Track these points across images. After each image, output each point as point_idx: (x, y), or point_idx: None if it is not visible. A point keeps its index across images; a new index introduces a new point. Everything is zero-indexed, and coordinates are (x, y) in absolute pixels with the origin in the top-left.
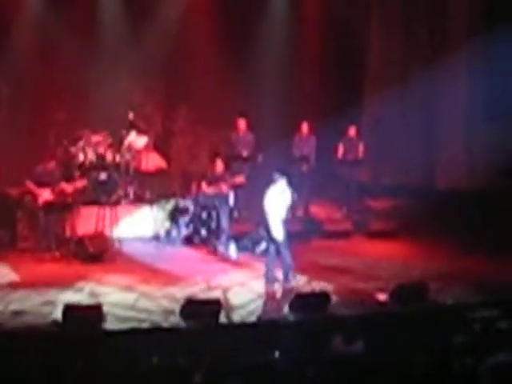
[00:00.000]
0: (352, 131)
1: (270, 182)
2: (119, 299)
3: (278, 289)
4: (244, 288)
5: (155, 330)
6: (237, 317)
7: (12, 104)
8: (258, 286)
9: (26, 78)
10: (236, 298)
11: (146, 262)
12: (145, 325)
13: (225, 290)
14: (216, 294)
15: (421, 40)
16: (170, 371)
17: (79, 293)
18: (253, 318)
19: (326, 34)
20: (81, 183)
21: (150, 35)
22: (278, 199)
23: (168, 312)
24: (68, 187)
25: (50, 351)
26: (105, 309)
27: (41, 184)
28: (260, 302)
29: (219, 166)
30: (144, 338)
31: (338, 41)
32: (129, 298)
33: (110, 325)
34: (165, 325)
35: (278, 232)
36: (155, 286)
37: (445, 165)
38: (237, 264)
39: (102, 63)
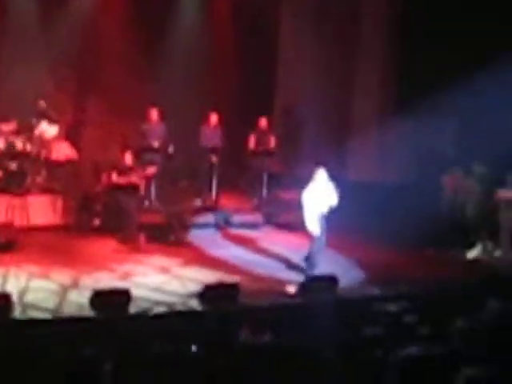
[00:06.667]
0: (263, 123)
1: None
2: (29, 288)
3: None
4: (150, 277)
5: (63, 321)
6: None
7: None
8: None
9: None
10: (144, 287)
11: (56, 251)
12: (54, 314)
13: (135, 280)
14: (126, 284)
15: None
16: (80, 361)
17: None
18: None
19: (238, 24)
20: None
21: (61, 23)
22: (316, 194)
23: (77, 302)
24: None
25: None
26: (13, 298)
27: None
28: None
29: (128, 157)
30: (51, 328)
31: (250, 32)
32: (39, 287)
33: (19, 314)
34: (72, 315)
35: (314, 226)
36: (65, 276)
37: (357, 157)
38: (146, 254)
39: (12, 51)
